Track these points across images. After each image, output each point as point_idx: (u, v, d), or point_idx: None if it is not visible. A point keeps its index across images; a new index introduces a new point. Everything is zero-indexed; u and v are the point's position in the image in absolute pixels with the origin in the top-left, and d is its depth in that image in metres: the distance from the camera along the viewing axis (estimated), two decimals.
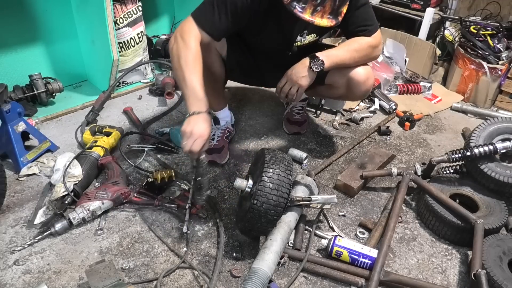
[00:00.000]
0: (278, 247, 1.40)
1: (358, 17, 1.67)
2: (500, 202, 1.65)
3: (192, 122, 1.42)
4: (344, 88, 1.88)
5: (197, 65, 1.50)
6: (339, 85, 1.88)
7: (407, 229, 1.66)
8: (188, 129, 1.41)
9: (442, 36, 2.90)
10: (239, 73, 2.03)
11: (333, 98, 2.25)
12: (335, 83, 1.88)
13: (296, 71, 1.70)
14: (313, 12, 1.46)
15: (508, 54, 2.53)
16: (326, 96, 2.26)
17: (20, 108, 1.83)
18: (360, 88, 1.84)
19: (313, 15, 1.47)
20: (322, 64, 1.66)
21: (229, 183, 1.83)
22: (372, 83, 1.88)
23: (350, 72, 1.79)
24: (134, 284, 1.36)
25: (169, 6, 2.94)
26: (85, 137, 2.01)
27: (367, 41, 1.72)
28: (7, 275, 1.38)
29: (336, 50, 1.74)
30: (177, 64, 1.51)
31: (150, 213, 1.66)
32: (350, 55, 1.71)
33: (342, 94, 1.95)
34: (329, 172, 1.96)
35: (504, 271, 1.36)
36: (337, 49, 1.75)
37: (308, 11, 1.45)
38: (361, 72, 1.79)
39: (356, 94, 1.90)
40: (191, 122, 1.42)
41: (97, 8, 2.16)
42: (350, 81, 1.81)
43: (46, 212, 1.59)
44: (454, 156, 1.75)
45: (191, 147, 1.39)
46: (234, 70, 1.95)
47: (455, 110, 2.57)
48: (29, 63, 2.31)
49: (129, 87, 2.58)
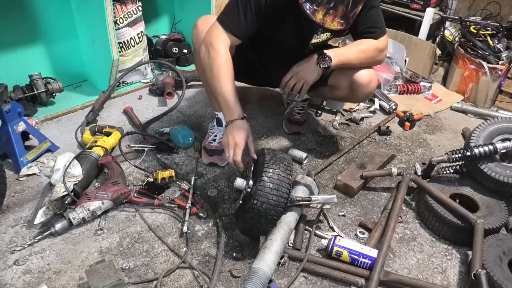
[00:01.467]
0: (278, 247, 1.40)
1: (368, 18, 1.68)
2: (500, 202, 1.65)
3: (228, 133, 1.50)
4: (346, 90, 1.88)
5: (229, 72, 1.55)
6: (341, 87, 1.88)
7: (407, 229, 1.66)
8: (225, 141, 1.51)
9: (442, 36, 2.90)
10: (246, 73, 2.01)
11: (335, 99, 2.25)
12: (338, 84, 1.88)
13: (303, 67, 1.70)
14: (325, 14, 1.47)
15: (508, 54, 2.53)
16: (328, 97, 2.25)
17: (20, 108, 1.83)
18: (363, 91, 1.84)
19: (325, 18, 1.48)
20: (330, 60, 1.67)
21: (229, 183, 1.83)
22: (375, 86, 1.88)
23: (354, 74, 1.80)
24: (134, 284, 1.36)
25: (169, 6, 2.94)
26: (85, 137, 2.01)
27: (374, 44, 1.72)
28: (7, 275, 1.38)
29: (343, 49, 1.75)
30: (209, 74, 1.57)
31: (150, 213, 1.66)
32: (357, 55, 1.72)
33: (344, 95, 1.95)
34: (329, 172, 1.96)
35: (504, 271, 1.36)
36: (345, 48, 1.76)
37: (320, 13, 1.47)
38: (364, 74, 1.80)
39: (358, 96, 1.91)
40: (227, 132, 1.51)
41: (97, 8, 2.16)
42: (353, 83, 1.82)
43: (46, 212, 1.59)
44: (454, 156, 1.75)
45: (233, 158, 1.48)
46: (241, 70, 1.94)
47: (455, 110, 2.57)
48: (29, 63, 2.31)
49: (129, 87, 2.58)
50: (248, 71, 1.98)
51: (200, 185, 1.80)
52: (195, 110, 2.41)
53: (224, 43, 1.56)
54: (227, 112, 1.54)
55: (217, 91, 1.55)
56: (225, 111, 1.55)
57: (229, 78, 1.54)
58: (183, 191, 1.73)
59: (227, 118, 1.54)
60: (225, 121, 1.55)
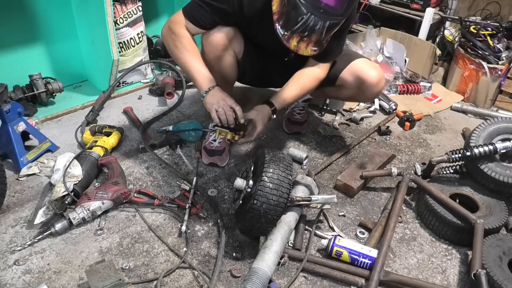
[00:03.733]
0: (278, 247, 1.40)
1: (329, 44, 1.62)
2: (500, 202, 1.65)
3: (211, 97, 1.58)
4: (355, 90, 1.87)
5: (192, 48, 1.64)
6: (350, 87, 1.87)
7: (407, 229, 1.66)
8: (210, 102, 1.58)
9: (442, 36, 2.90)
10: (251, 75, 1.99)
11: (341, 99, 2.24)
12: (346, 84, 1.87)
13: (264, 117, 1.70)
14: (299, 41, 1.47)
15: (508, 54, 2.53)
16: (334, 97, 2.23)
17: (20, 108, 1.83)
18: (372, 90, 1.83)
19: (298, 45, 1.48)
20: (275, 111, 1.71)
21: (229, 183, 1.83)
22: (383, 85, 1.88)
23: (363, 74, 1.79)
24: (134, 284, 1.36)
25: (169, 6, 2.94)
26: (85, 137, 2.01)
27: (315, 75, 1.74)
28: (7, 275, 1.38)
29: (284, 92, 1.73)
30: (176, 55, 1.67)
31: (150, 213, 1.66)
32: (297, 93, 1.74)
33: (352, 95, 1.94)
34: (329, 172, 1.96)
35: (504, 271, 1.36)
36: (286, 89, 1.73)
37: (295, 40, 1.46)
38: (374, 74, 1.79)
39: (367, 96, 1.90)
40: (210, 98, 1.58)
41: (97, 8, 2.16)
42: (363, 84, 1.81)
43: (46, 212, 1.59)
44: (454, 156, 1.75)
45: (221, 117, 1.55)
46: (246, 73, 1.93)
47: (455, 110, 2.57)
48: (29, 63, 2.31)
49: (129, 87, 2.58)
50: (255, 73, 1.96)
51: (200, 185, 1.80)
52: (195, 110, 2.41)
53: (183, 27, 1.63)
54: (203, 82, 1.61)
55: (187, 67, 1.64)
56: (201, 83, 1.62)
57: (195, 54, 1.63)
58: (183, 191, 1.74)
59: (204, 87, 1.61)
60: (203, 91, 1.61)
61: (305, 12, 1.35)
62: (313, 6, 1.35)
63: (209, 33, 1.68)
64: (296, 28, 1.41)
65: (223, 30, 1.67)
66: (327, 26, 1.40)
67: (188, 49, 1.63)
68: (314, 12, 1.35)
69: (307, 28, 1.40)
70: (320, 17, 1.37)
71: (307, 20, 1.37)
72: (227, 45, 1.71)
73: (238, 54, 1.81)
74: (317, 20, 1.37)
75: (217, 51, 1.70)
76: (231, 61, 1.79)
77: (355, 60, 1.84)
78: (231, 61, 1.79)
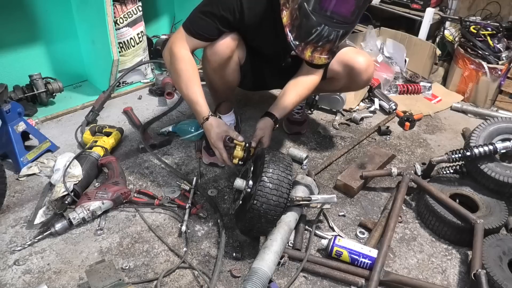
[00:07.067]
0: (278, 247, 1.40)
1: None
2: (500, 202, 1.65)
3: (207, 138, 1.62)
4: (346, 79, 1.89)
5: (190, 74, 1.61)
6: (340, 76, 1.89)
7: (407, 229, 1.66)
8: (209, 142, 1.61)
9: (442, 36, 2.90)
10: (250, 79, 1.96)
11: (335, 91, 2.23)
12: (336, 75, 1.89)
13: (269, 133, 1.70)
14: (313, 51, 1.51)
15: (508, 54, 2.53)
16: (328, 91, 2.21)
17: (20, 108, 1.83)
18: (362, 77, 1.86)
19: (313, 55, 1.52)
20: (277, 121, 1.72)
21: (229, 183, 1.83)
22: (373, 71, 1.91)
23: (351, 61, 1.82)
24: (134, 284, 1.36)
25: (169, 6, 2.94)
26: (85, 137, 2.01)
27: (312, 81, 1.75)
28: (7, 275, 1.38)
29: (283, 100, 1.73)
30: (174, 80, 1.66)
31: (150, 213, 1.66)
32: (295, 100, 1.75)
33: (344, 85, 1.96)
34: (329, 172, 1.96)
35: (504, 271, 1.36)
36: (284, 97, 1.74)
37: (309, 51, 1.51)
38: (362, 60, 1.82)
39: (358, 83, 1.93)
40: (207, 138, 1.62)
41: (97, 8, 2.16)
42: (352, 71, 1.83)
43: (46, 212, 1.59)
44: (454, 156, 1.75)
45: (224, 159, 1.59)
46: (246, 77, 1.92)
47: (455, 110, 2.57)
48: (29, 63, 2.31)
49: (129, 87, 2.58)
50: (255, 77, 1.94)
51: (200, 185, 1.80)
52: None
53: (184, 46, 1.60)
54: (197, 116, 1.63)
55: (184, 96, 1.65)
56: (196, 116, 1.64)
57: (192, 81, 1.60)
58: (183, 191, 1.74)
59: (199, 121, 1.63)
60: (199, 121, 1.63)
61: (319, 24, 1.39)
62: (325, 17, 1.38)
63: (213, 43, 1.65)
64: (311, 39, 1.45)
65: (228, 38, 1.64)
66: (340, 34, 1.44)
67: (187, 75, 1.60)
68: (327, 23, 1.39)
69: (321, 39, 1.44)
70: (333, 27, 1.41)
71: (321, 31, 1.41)
72: (232, 52, 1.69)
73: (242, 59, 1.80)
74: (331, 30, 1.41)
75: (222, 60, 1.69)
76: (235, 68, 1.79)
77: (342, 49, 1.85)
78: (235, 68, 1.79)
